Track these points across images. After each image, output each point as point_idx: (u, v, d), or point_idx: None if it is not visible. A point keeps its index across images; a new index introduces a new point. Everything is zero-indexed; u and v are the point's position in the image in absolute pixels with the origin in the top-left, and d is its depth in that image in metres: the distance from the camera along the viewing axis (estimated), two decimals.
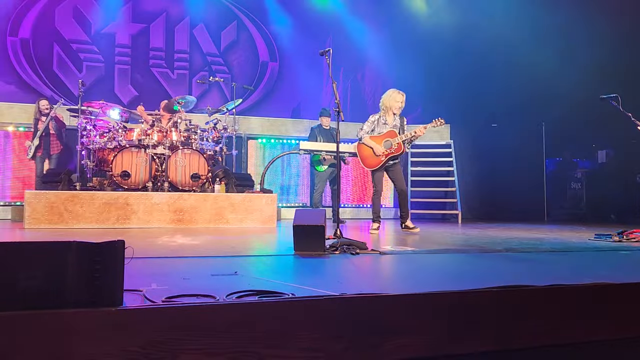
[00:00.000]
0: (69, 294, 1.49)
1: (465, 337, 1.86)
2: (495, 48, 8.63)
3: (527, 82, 8.52)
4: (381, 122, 5.62)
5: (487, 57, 8.76)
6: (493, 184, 9.02)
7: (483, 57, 8.80)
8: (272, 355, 1.62)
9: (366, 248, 3.59)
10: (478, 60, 8.85)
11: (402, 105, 5.63)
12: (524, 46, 8.42)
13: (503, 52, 8.60)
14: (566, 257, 3.59)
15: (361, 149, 5.61)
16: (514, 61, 8.54)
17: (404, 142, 5.56)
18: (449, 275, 2.85)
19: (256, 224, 6.18)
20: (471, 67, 8.88)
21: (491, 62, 8.74)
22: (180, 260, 3.07)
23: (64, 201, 5.56)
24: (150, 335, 1.48)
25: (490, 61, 8.74)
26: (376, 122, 5.64)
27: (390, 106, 5.61)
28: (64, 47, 8.53)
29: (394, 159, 5.60)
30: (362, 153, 5.61)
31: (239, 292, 1.90)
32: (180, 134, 6.45)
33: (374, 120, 5.64)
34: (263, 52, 9.64)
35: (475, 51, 8.85)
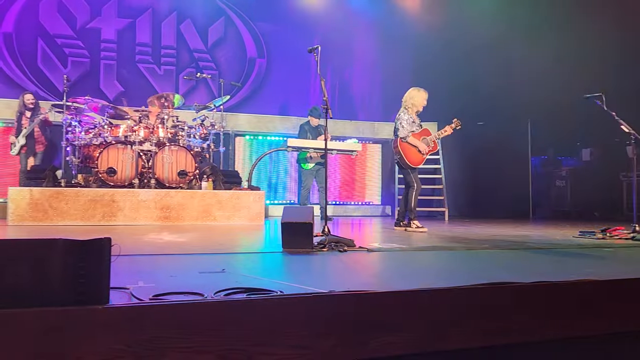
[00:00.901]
0: (54, 292, 1.47)
1: (452, 334, 1.88)
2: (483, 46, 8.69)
3: (513, 80, 8.59)
4: (410, 120, 5.70)
5: (474, 56, 8.81)
6: (479, 182, 9.11)
7: (470, 55, 8.86)
8: (260, 353, 1.62)
9: (354, 245, 3.60)
10: (465, 59, 8.91)
11: (425, 103, 5.79)
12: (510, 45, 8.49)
13: (490, 50, 8.67)
14: (551, 254, 3.63)
15: (405, 148, 5.67)
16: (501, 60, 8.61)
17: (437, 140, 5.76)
18: (436, 272, 2.87)
19: (244, 221, 6.16)
20: (458, 65, 8.93)
21: (478, 60, 8.79)
22: (168, 258, 3.06)
23: (48, 198, 5.50)
24: (137, 334, 1.47)
25: (478, 59, 8.80)
26: (415, 121, 5.76)
27: (418, 104, 5.72)
28: (49, 42, 8.41)
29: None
30: (407, 151, 5.67)
31: (227, 290, 1.89)
32: (167, 130, 6.40)
33: (407, 118, 5.69)
34: (251, 48, 9.60)
35: (463, 50, 8.91)
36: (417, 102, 5.70)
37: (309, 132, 7.31)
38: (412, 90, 5.77)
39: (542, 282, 2.13)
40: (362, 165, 9.75)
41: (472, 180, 9.23)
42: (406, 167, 5.70)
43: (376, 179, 9.85)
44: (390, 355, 1.78)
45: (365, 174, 9.79)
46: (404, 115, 5.68)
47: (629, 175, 8.00)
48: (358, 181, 9.76)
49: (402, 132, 5.64)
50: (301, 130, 7.46)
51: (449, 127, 5.74)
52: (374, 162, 9.88)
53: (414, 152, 5.67)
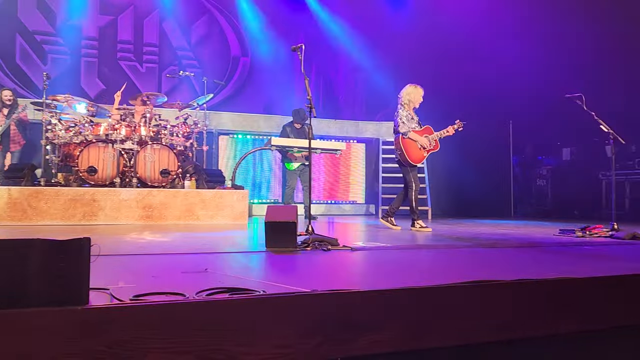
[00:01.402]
0: (32, 293, 1.45)
1: (435, 332, 1.89)
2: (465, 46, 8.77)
3: (495, 80, 8.68)
4: (409, 117, 5.64)
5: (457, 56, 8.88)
6: (462, 181, 9.17)
7: (453, 55, 8.92)
8: (243, 353, 1.61)
9: (338, 244, 3.60)
10: (448, 59, 8.97)
11: (421, 100, 5.71)
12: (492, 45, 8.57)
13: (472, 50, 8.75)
14: (531, 252, 3.68)
15: (407, 144, 5.56)
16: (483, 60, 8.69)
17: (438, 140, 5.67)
18: (419, 270, 2.89)
19: (227, 221, 6.13)
20: (441, 65, 8.99)
21: (461, 60, 8.86)
22: (149, 258, 3.02)
23: (27, 197, 5.40)
24: (117, 335, 1.45)
25: (460, 59, 8.87)
26: (414, 118, 5.69)
27: (415, 100, 5.65)
28: (28, 39, 8.27)
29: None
30: (408, 148, 5.56)
31: (209, 290, 1.88)
32: (149, 128, 6.33)
33: (406, 115, 5.62)
34: (234, 46, 9.55)
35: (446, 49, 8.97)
36: (413, 99, 5.63)
37: (291, 133, 7.28)
38: (409, 86, 5.70)
39: (522, 280, 2.15)
40: (346, 165, 9.77)
41: (455, 179, 9.30)
42: (407, 164, 5.59)
43: (360, 178, 9.88)
44: (373, 353, 1.78)
45: (349, 173, 9.81)
46: (403, 112, 5.61)
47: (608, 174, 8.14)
48: (342, 180, 9.77)
49: (402, 128, 5.55)
50: (283, 130, 7.43)
51: (451, 128, 5.66)
52: (358, 161, 9.90)
53: (415, 149, 5.57)
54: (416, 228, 5.48)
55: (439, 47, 9.00)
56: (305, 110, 7.04)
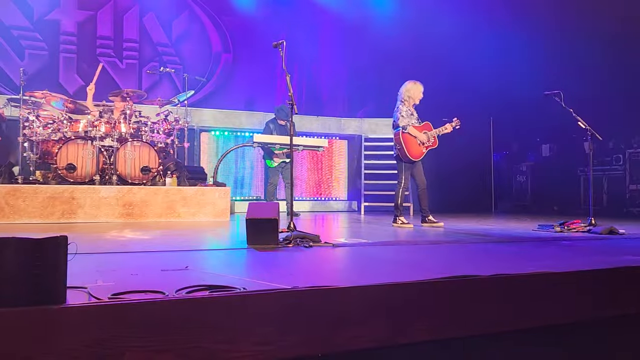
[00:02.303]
0: (8, 292, 1.43)
1: (415, 328, 1.91)
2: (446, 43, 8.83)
3: (476, 77, 8.76)
4: (409, 112, 5.63)
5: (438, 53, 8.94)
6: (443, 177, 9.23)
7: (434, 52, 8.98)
8: (223, 350, 1.61)
9: (319, 241, 3.61)
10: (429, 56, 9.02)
11: (421, 95, 5.70)
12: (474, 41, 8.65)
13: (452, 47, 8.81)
14: (511, 247, 3.73)
15: (406, 139, 5.51)
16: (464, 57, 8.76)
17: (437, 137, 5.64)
18: (400, 266, 2.91)
19: (209, 218, 6.09)
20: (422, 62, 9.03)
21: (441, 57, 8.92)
22: (129, 256, 2.99)
23: (4, 195, 5.30)
24: (95, 334, 1.44)
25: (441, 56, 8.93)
26: (413, 114, 5.67)
27: (415, 97, 5.64)
28: (4, 33, 8.09)
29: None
30: (407, 143, 5.51)
31: (189, 288, 1.87)
32: (129, 125, 6.26)
33: (406, 110, 5.61)
34: (216, 43, 9.48)
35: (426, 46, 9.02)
36: (413, 95, 5.62)
37: (274, 130, 7.25)
38: (408, 83, 5.69)
39: (502, 275, 2.18)
40: (328, 161, 9.78)
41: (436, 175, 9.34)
42: (405, 160, 5.54)
43: (343, 174, 9.90)
44: (355, 349, 1.79)
45: (332, 169, 9.82)
46: (403, 107, 5.60)
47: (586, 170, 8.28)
48: (325, 177, 9.78)
49: (402, 122, 5.52)
50: (266, 127, 7.40)
51: (449, 125, 5.67)
52: (341, 158, 9.92)
53: (414, 145, 5.52)
54: (397, 224, 5.50)
55: (421, 45, 9.05)
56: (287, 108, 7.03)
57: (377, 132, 9.62)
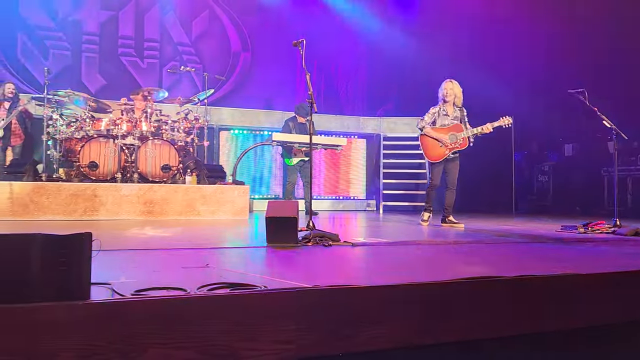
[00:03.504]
0: (33, 288, 1.45)
1: (436, 328, 1.89)
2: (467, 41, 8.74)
3: (496, 75, 8.65)
4: (441, 113, 5.52)
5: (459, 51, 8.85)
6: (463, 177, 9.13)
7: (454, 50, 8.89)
8: (244, 348, 1.61)
9: (339, 240, 3.60)
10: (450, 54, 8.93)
11: (446, 93, 5.47)
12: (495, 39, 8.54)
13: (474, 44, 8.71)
14: (534, 248, 3.67)
15: (423, 140, 5.51)
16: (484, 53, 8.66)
17: (469, 137, 5.45)
18: (420, 266, 2.88)
19: (228, 216, 6.12)
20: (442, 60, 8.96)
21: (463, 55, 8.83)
22: (150, 253, 3.02)
23: (29, 192, 5.40)
24: (118, 329, 1.45)
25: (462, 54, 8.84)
26: (437, 114, 5.53)
27: (442, 95, 5.52)
28: (29, 34, 8.26)
29: (455, 152, 5.51)
30: (425, 145, 5.51)
31: (210, 285, 1.87)
32: (150, 124, 6.33)
33: (434, 112, 5.53)
34: (235, 42, 9.53)
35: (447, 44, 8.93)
36: (445, 94, 5.48)
37: (293, 128, 7.25)
38: (443, 82, 5.59)
39: (525, 276, 2.14)
40: (346, 160, 9.76)
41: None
42: (429, 160, 5.58)
43: (361, 173, 9.87)
44: (375, 349, 1.78)
45: (349, 168, 9.80)
46: (433, 108, 5.54)
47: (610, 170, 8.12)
48: (342, 176, 9.76)
49: (419, 124, 5.50)
50: (285, 125, 7.40)
51: (489, 125, 5.42)
52: (359, 157, 9.89)
53: (432, 146, 5.46)
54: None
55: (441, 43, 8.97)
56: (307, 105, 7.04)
57: (396, 131, 9.57)
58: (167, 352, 1.49)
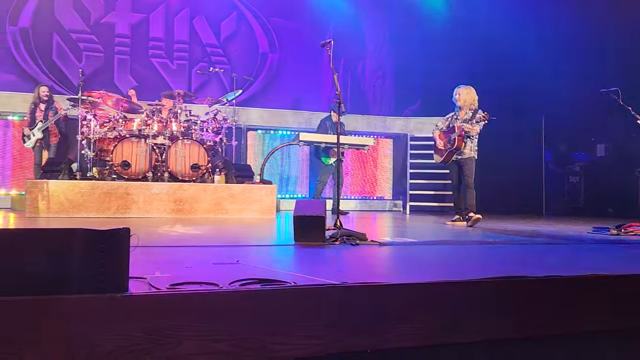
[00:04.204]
0: (75, 280, 1.51)
1: (463, 327, 1.89)
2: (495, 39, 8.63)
3: (527, 74, 8.52)
4: (455, 117, 5.79)
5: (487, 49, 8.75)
6: (491, 177, 9.04)
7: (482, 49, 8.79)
8: (274, 342, 1.65)
9: (366, 239, 3.62)
10: (477, 52, 8.84)
11: (457, 98, 5.76)
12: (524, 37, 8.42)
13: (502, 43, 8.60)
14: (564, 249, 3.62)
15: (435, 143, 5.92)
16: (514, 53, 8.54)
17: (464, 138, 5.61)
18: (448, 266, 2.88)
19: (255, 215, 6.20)
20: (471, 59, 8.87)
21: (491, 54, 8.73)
22: (182, 250, 3.10)
23: (64, 190, 5.58)
24: (156, 322, 1.51)
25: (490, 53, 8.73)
26: (450, 118, 5.83)
27: (459, 100, 5.77)
28: (64, 37, 8.50)
29: (460, 154, 5.67)
30: (434, 147, 5.95)
31: (242, 280, 1.92)
32: (180, 124, 6.46)
33: (449, 116, 5.86)
34: (263, 43, 9.61)
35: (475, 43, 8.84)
36: (458, 99, 5.77)
37: (330, 128, 7.30)
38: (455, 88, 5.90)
39: (554, 276, 2.13)
40: (373, 160, 9.75)
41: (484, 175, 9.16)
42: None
43: (388, 173, 9.85)
44: (402, 346, 1.80)
45: (376, 168, 9.78)
46: (449, 113, 5.90)
47: None
48: (369, 176, 9.76)
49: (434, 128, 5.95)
50: (321, 125, 7.45)
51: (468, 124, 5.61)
52: (386, 157, 9.87)
53: (436, 148, 5.91)
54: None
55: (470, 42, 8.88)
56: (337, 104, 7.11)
57: (423, 131, 9.50)
58: (201, 344, 1.54)
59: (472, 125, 5.57)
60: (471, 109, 5.68)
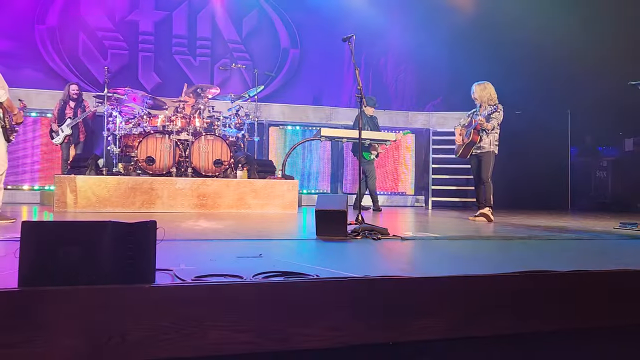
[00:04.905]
0: (104, 271, 1.56)
1: (486, 320, 1.89)
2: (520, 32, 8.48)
3: (552, 68, 8.37)
4: (476, 113, 5.79)
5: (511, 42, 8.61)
6: (516, 172, 8.93)
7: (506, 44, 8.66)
8: (297, 334, 1.67)
9: (388, 234, 3.62)
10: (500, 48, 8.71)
11: (475, 96, 5.78)
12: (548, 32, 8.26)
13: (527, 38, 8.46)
14: (590, 244, 3.57)
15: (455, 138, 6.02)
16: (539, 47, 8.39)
17: (479, 132, 5.62)
18: (471, 260, 2.86)
19: (278, 210, 6.24)
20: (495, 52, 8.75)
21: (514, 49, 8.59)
22: (206, 243, 3.15)
23: (91, 185, 5.70)
24: (182, 312, 1.54)
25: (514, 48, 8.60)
26: (472, 114, 5.84)
27: (475, 97, 5.79)
28: (89, 35, 8.65)
29: (478, 148, 5.67)
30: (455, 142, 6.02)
31: (265, 273, 1.95)
32: (203, 120, 6.53)
33: (470, 112, 5.87)
34: (284, 38, 9.64)
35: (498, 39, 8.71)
36: (475, 96, 5.78)
37: (366, 123, 7.32)
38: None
39: (579, 271, 2.10)
40: (395, 155, 9.71)
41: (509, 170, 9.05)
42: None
43: (409, 168, 9.80)
44: (425, 339, 1.80)
45: (398, 163, 9.74)
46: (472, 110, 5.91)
47: None
48: (391, 171, 9.72)
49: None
50: (356, 121, 7.46)
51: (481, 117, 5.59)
52: (408, 152, 9.81)
53: (456, 143, 5.99)
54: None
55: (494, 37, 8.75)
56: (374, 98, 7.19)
57: (445, 126, 9.43)
58: (226, 334, 1.57)
59: (486, 119, 5.55)
60: (490, 104, 5.64)
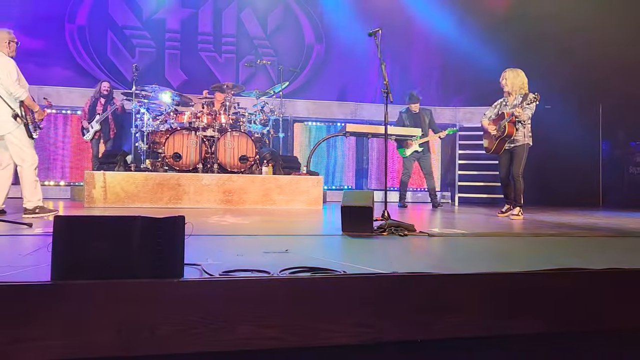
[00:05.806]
0: (135, 265, 1.58)
1: (516, 319, 1.85)
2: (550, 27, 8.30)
3: (583, 61, 8.16)
4: (503, 104, 5.55)
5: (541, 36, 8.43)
6: (546, 168, 8.74)
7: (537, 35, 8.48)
8: (324, 330, 1.67)
9: (414, 230, 3.59)
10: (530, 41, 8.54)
11: (503, 82, 5.48)
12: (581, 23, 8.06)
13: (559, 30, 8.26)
14: (622, 242, 3.47)
15: (484, 132, 5.71)
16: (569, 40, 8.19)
17: (515, 124, 5.30)
18: (500, 257, 2.82)
19: (303, 206, 6.25)
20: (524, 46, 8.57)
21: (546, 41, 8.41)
22: (233, 239, 3.17)
23: (120, 181, 5.81)
24: (210, 306, 1.56)
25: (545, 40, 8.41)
26: (499, 105, 5.58)
27: (505, 85, 5.50)
28: (117, 33, 8.80)
29: (512, 142, 5.37)
30: (484, 137, 5.72)
31: (292, 268, 1.95)
32: (229, 116, 6.58)
33: (496, 104, 5.62)
34: (309, 34, 9.63)
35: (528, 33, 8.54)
36: (504, 84, 5.50)
37: (407, 119, 7.28)
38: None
39: (611, 269, 2.05)
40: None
41: (539, 166, 8.86)
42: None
43: (435, 165, 9.68)
44: (454, 336, 1.78)
45: None
46: (497, 100, 5.64)
47: None
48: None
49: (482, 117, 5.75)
50: (399, 117, 7.43)
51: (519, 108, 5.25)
52: (434, 148, 9.69)
53: (486, 138, 5.66)
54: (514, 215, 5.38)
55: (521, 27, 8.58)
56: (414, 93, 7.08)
57: (472, 121, 9.29)
58: (255, 330, 1.58)
59: (522, 109, 5.22)
60: (521, 94, 5.36)
